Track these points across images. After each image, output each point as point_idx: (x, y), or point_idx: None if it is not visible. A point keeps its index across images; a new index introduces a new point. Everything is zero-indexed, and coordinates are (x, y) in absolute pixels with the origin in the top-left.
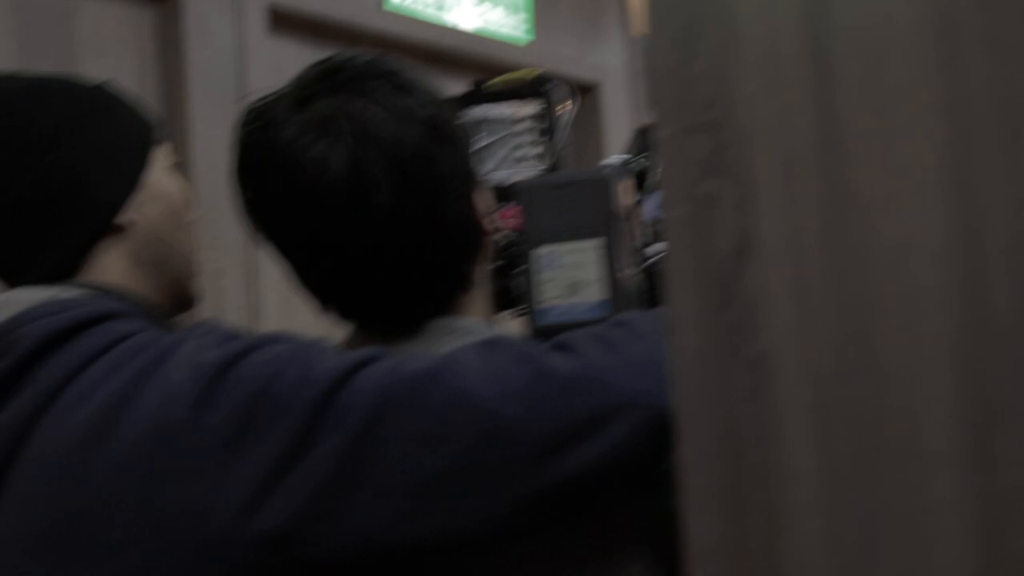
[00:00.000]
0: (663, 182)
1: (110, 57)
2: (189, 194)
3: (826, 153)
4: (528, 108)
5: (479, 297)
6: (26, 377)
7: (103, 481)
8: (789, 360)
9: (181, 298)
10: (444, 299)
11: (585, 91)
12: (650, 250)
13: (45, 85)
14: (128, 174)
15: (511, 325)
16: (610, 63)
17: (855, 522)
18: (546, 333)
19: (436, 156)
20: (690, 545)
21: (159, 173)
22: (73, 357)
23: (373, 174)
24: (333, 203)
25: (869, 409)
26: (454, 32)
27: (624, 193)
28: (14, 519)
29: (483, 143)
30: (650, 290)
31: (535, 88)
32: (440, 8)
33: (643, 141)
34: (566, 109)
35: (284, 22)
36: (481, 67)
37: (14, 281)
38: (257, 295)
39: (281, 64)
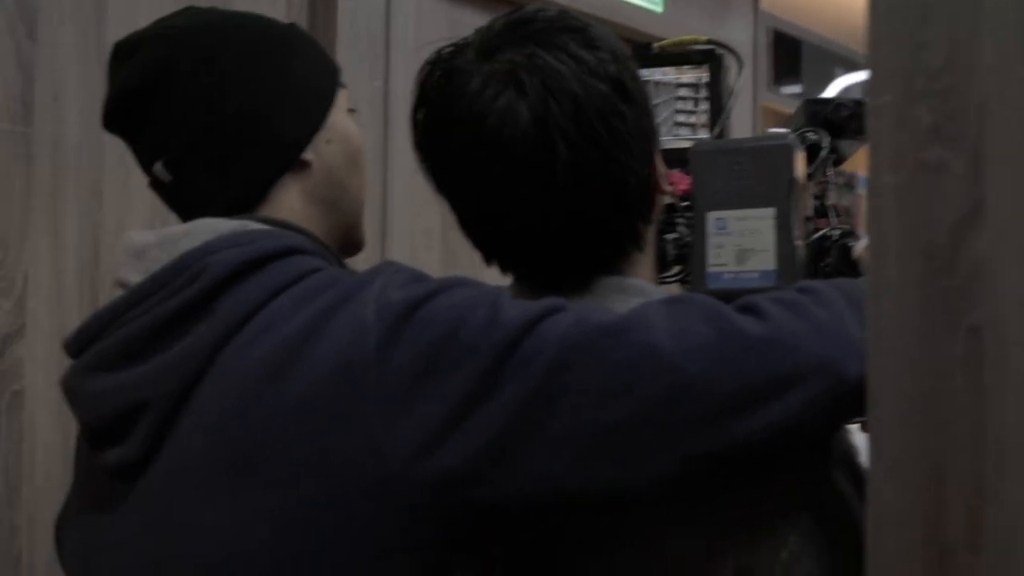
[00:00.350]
0: (873, 149)
1: (262, 4)
2: (362, 139)
3: None
4: (696, 74)
5: (647, 257)
6: (213, 305)
7: (284, 414)
8: (1012, 331)
9: (349, 241)
10: (616, 257)
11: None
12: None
13: (239, 20)
14: (314, 113)
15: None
16: (736, 39)
17: None
18: (716, 298)
19: (621, 113)
20: (874, 512)
21: (341, 115)
22: (259, 288)
23: (559, 127)
24: (517, 154)
25: None
26: None
27: (800, 162)
28: (198, 444)
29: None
30: (815, 262)
31: (704, 54)
32: None
33: (812, 114)
34: (734, 77)
35: None
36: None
37: (194, 213)
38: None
39: (422, 19)
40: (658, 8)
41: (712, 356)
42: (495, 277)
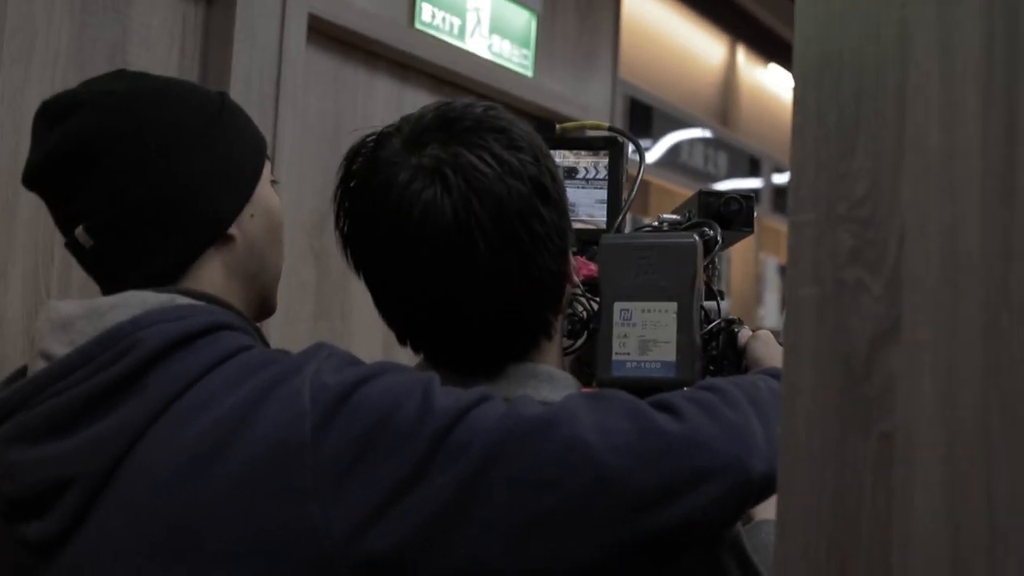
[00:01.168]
0: (792, 261)
1: (157, 49)
2: (282, 211)
3: (994, 265)
4: (594, 159)
5: (555, 344)
6: (143, 381)
7: (218, 493)
8: (921, 439)
9: (263, 309)
10: (527, 345)
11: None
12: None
13: (172, 90)
14: (242, 188)
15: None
16: (596, 103)
17: None
18: (614, 385)
19: (540, 215)
20: None
21: (265, 187)
22: (191, 365)
23: (480, 227)
24: (439, 247)
25: (1006, 493)
26: (469, 58)
27: (702, 258)
28: (124, 523)
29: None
30: (713, 350)
31: (605, 141)
32: (460, 33)
33: (705, 205)
34: (634, 165)
35: (320, 32)
36: (488, 95)
37: (116, 284)
38: None
39: (313, 73)
40: (528, 73)
41: (634, 452)
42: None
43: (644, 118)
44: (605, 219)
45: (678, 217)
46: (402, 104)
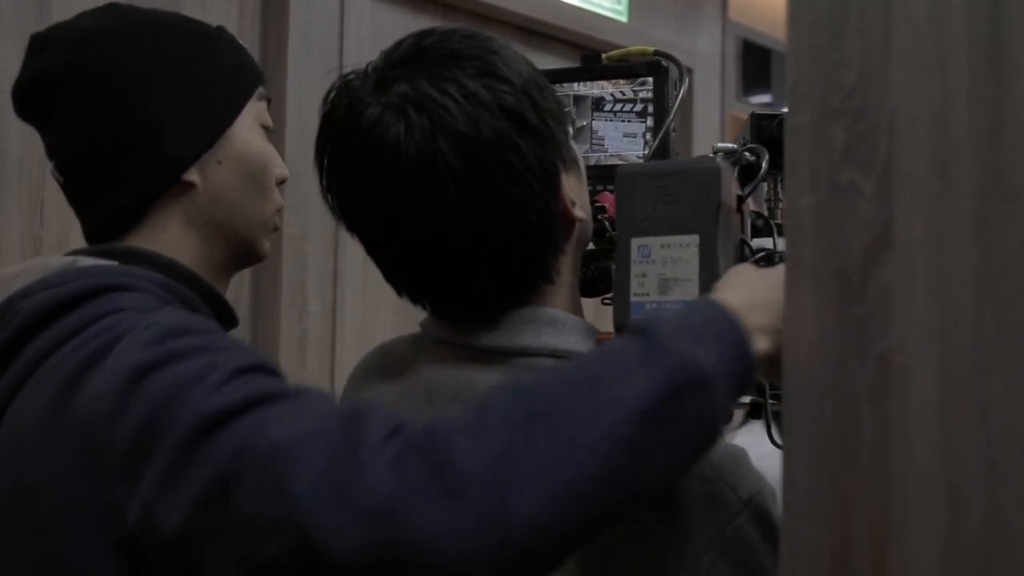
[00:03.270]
0: (791, 169)
1: (213, 10)
2: (271, 158)
3: (983, 146)
4: (639, 87)
5: (566, 286)
6: (20, 350)
7: (44, 465)
8: (917, 358)
9: (244, 256)
10: (523, 289)
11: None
12: (757, 244)
13: (150, 24)
14: (205, 131)
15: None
16: (704, 48)
17: (975, 530)
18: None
19: (515, 146)
20: (786, 543)
21: (245, 132)
22: (61, 330)
23: (447, 166)
24: (408, 190)
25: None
26: (554, 5)
27: (731, 185)
28: None
29: (590, 120)
30: None
31: (649, 67)
32: None
33: (758, 129)
34: (678, 90)
35: None
36: (579, 44)
37: (84, 225)
38: (337, 262)
39: (379, 31)
40: (623, 18)
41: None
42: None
43: (761, 62)
44: (640, 153)
45: (732, 145)
46: None
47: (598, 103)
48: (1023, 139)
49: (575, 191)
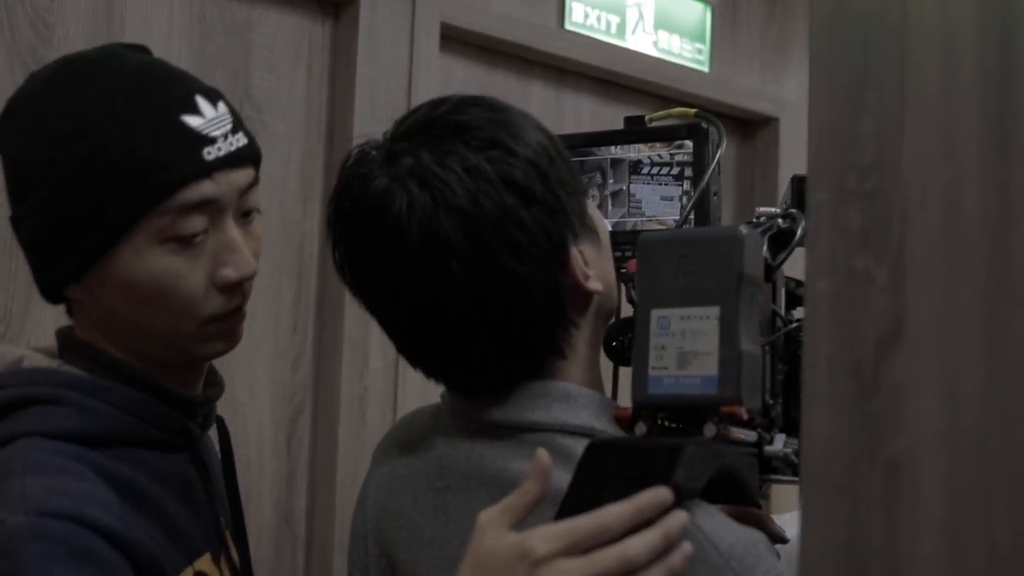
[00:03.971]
0: (810, 250)
1: (281, 70)
2: (177, 278)
3: (995, 237)
4: (676, 149)
5: (581, 359)
6: None
7: None
8: (929, 464)
9: (179, 358)
10: (533, 364)
11: (762, 125)
12: (791, 316)
13: (42, 115)
14: (67, 262)
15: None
16: (790, 96)
17: None
18: (651, 404)
19: (518, 220)
20: None
21: (130, 257)
22: None
23: (449, 243)
24: (409, 264)
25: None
26: (632, 56)
27: (758, 254)
28: None
29: (627, 183)
30: (784, 362)
31: (688, 129)
32: (619, 32)
33: (798, 193)
34: (717, 153)
35: (456, 40)
36: (659, 95)
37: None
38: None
39: (449, 86)
40: (704, 67)
41: None
42: None
43: None
44: (677, 216)
45: (775, 209)
46: (561, 108)
47: (635, 166)
48: None
49: (593, 261)
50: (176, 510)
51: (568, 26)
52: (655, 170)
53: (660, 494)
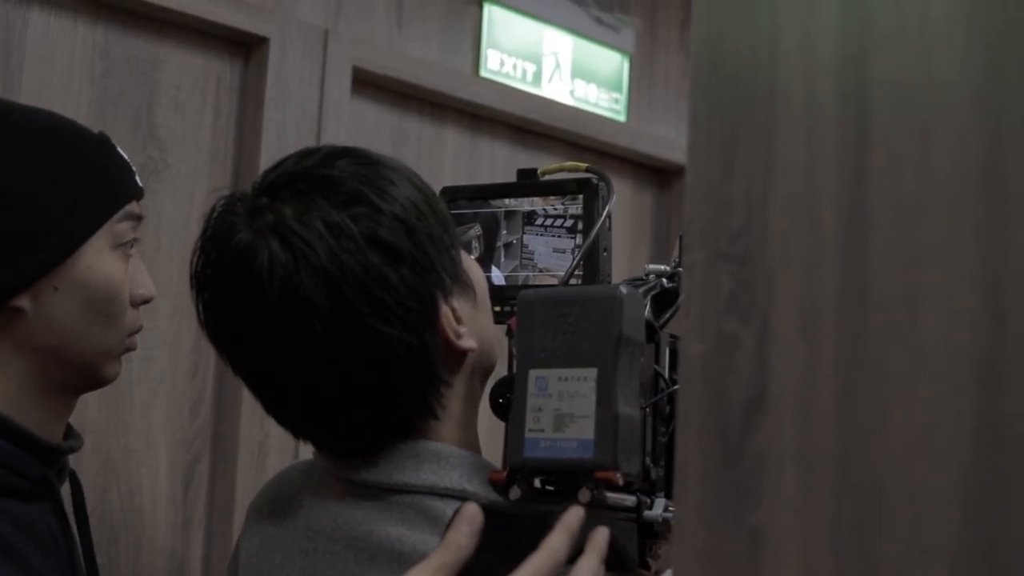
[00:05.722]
0: (684, 312)
1: (188, 111)
2: (122, 284)
3: (847, 308)
4: (570, 202)
5: (455, 419)
6: None
7: None
8: (787, 534)
9: (84, 382)
10: (402, 425)
11: (678, 175)
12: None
13: (10, 134)
14: (40, 258)
15: None
16: None
17: None
18: (525, 468)
19: (383, 280)
20: None
21: (91, 258)
22: None
23: (310, 304)
24: (270, 323)
25: None
26: (548, 105)
27: (638, 315)
28: None
29: (521, 234)
30: (667, 424)
31: (579, 184)
32: (535, 80)
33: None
34: (607, 208)
35: (368, 84)
36: (575, 143)
37: None
38: None
39: (360, 131)
40: (621, 117)
41: None
42: None
43: None
44: (565, 271)
45: (663, 267)
46: (476, 154)
47: (529, 217)
48: (885, 303)
49: (468, 318)
50: (39, 562)
51: (484, 73)
52: (548, 221)
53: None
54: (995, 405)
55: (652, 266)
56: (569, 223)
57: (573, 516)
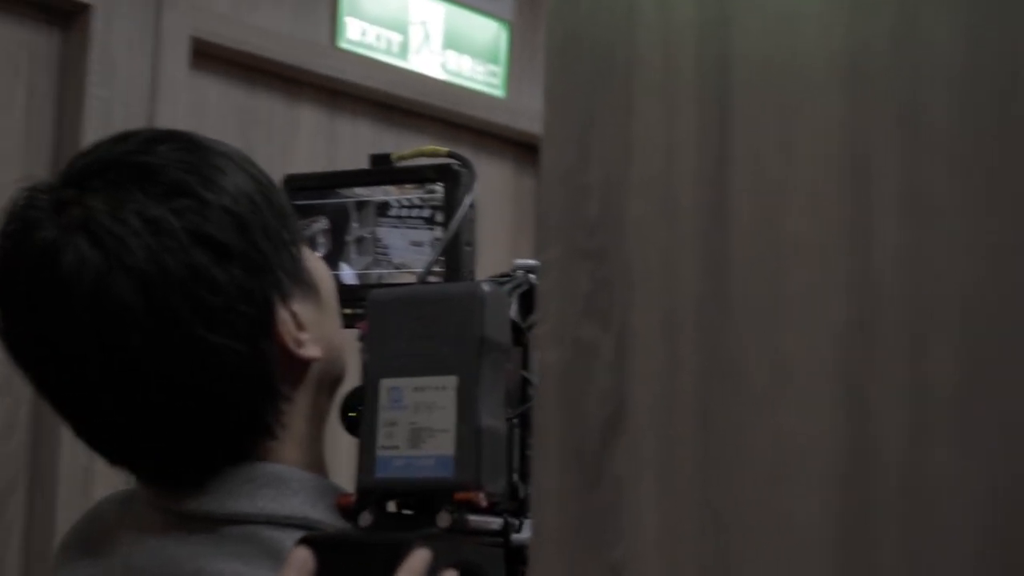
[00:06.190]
0: (541, 315)
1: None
2: None
3: (708, 314)
4: (428, 193)
5: (297, 437)
6: None
7: None
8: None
9: None
10: (233, 447)
11: None
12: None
13: None
14: None
15: None
16: None
17: None
18: (377, 489)
19: (210, 281)
20: None
21: None
22: None
23: (124, 307)
24: (79, 332)
25: None
26: (416, 79)
27: (503, 315)
28: None
29: (373, 227)
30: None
31: (438, 171)
32: (402, 52)
33: None
34: (470, 198)
35: (210, 57)
36: (447, 120)
37: None
38: None
39: (203, 109)
40: (499, 92)
41: None
42: None
43: None
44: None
45: (532, 262)
46: (335, 134)
47: (383, 208)
48: (748, 305)
49: (311, 323)
50: None
51: (343, 44)
52: (403, 212)
53: None
54: (863, 426)
55: (520, 261)
56: (427, 213)
57: (418, 561)
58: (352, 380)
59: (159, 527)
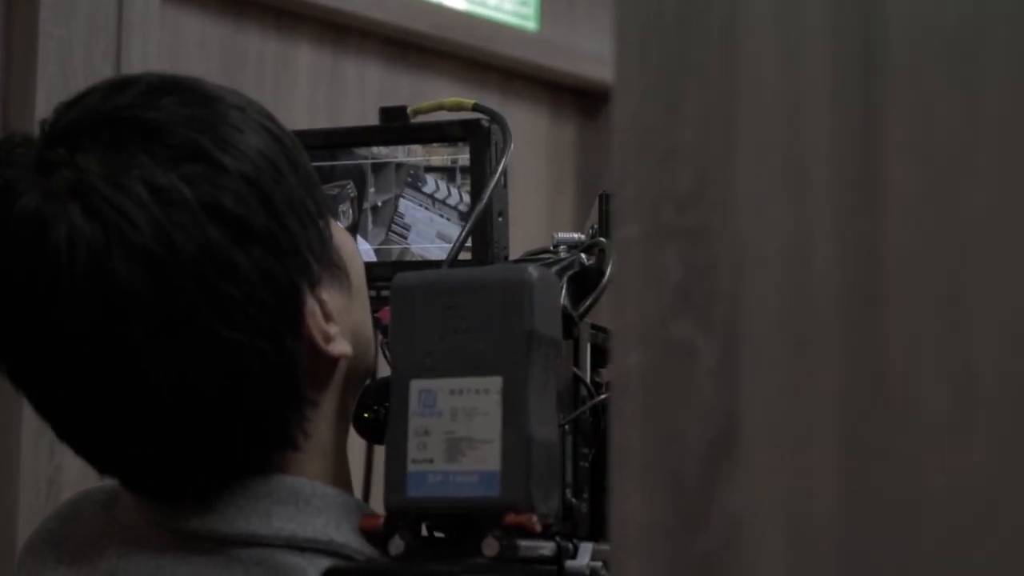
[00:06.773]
0: (615, 308)
1: None
2: None
3: (854, 307)
4: (452, 154)
5: (322, 447)
6: None
7: None
8: None
9: None
10: (249, 459)
11: (606, 98)
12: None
13: None
14: None
15: None
16: None
17: None
18: (410, 510)
19: (229, 265)
20: None
21: None
22: None
23: (125, 294)
24: (69, 321)
25: None
26: (434, 11)
27: (553, 304)
28: None
29: (394, 196)
30: (590, 444)
31: (464, 127)
32: None
33: (608, 215)
34: (499, 161)
35: None
36: (470, 58)
37: None
38: None
39: (179, 50)
40: (531, 24)
41: None
42: None
43: None
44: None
45: (578, 236)
46: (339, 77)
47: (415, 180)
48: (912, 305)
49: (340, 312)
50: None
51: None
52: (440, 195)
53: None
54: None
55: (563, 235)
56: (464, 208)
57: None
58: None
59: (153, 543)
